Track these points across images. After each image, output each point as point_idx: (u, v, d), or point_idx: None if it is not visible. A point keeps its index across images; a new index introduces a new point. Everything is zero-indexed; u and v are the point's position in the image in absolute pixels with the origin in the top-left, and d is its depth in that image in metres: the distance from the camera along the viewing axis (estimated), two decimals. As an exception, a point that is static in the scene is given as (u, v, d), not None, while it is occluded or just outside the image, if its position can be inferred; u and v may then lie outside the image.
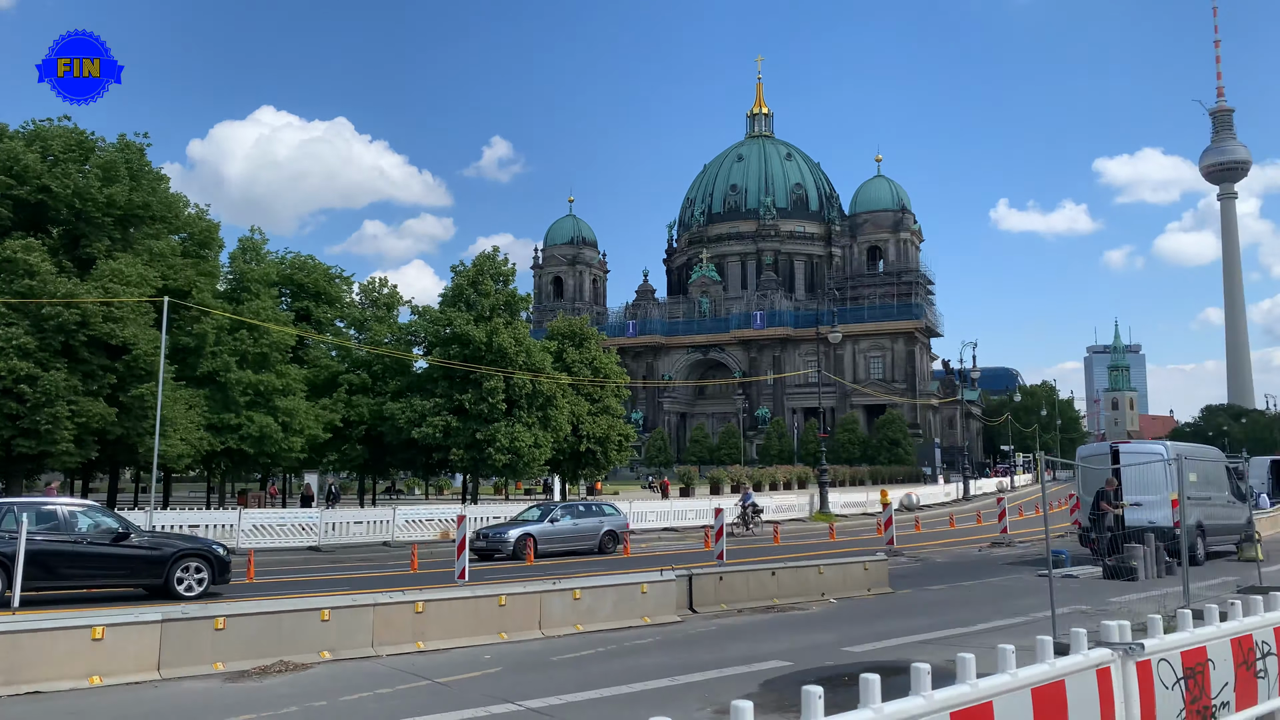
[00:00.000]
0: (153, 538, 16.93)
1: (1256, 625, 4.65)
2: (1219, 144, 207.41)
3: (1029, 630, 11.06)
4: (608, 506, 29.05)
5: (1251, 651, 4.56)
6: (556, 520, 26.05)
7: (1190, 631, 4.13)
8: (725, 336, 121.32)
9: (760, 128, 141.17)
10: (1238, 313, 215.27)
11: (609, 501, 32.32)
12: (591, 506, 28.63)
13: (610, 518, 27.55)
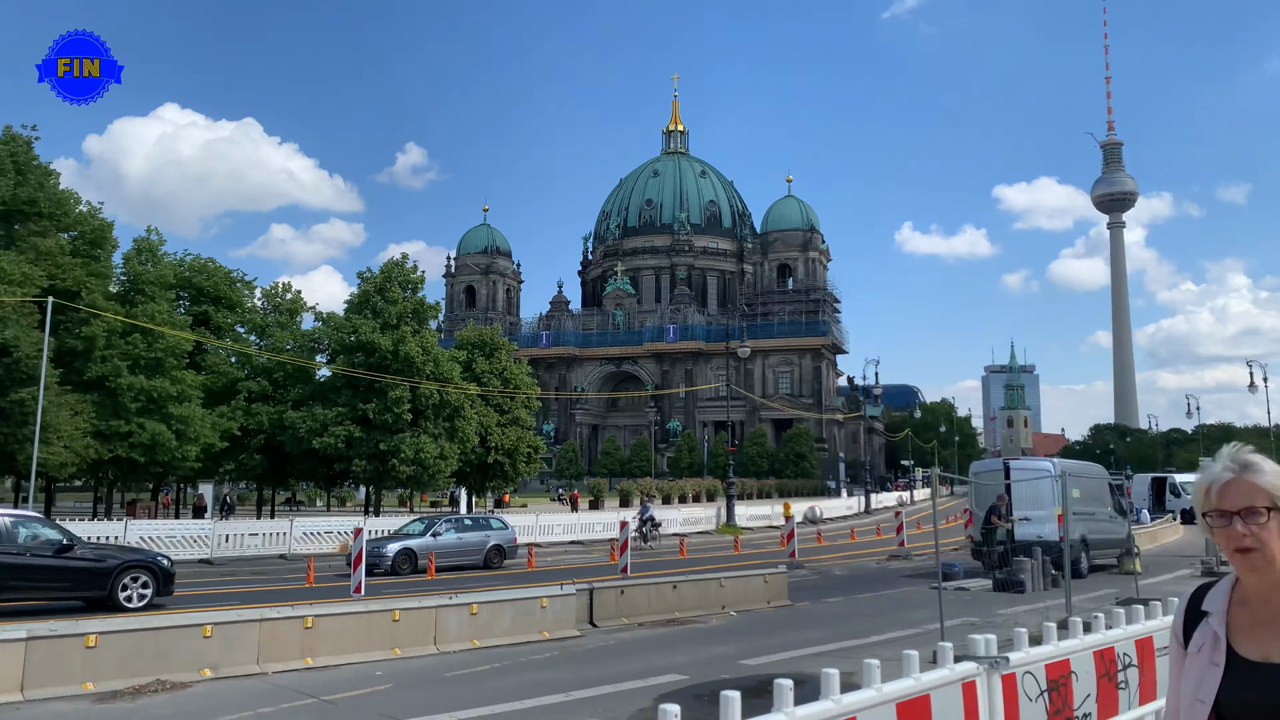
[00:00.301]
0: (96, 549, 16.83)
1: (1119, 638, 4.83)
2: (1109, 175, 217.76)
3: (920, 642, 11.31)
4: (495, 520, 28.47)
5: (1114, 663, 4.72)
6: (439, 535, 25.34)
7: (1054, 644, 4.26)
8: (639, 349, 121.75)
9: (676, 145, 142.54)
10: (1125, 336, 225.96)
11: (497, 515, 31.75)
12: (478, 520, 28.04)
13: (497, 532, 26.85)
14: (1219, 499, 2.18)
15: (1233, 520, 2.14)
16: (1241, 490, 2.15)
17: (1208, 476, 2.23)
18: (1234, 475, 2.18)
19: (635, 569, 21.90)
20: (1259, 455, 2.23)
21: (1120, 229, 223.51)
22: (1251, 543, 2.11)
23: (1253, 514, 2.12)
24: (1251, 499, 2.13)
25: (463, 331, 47.64)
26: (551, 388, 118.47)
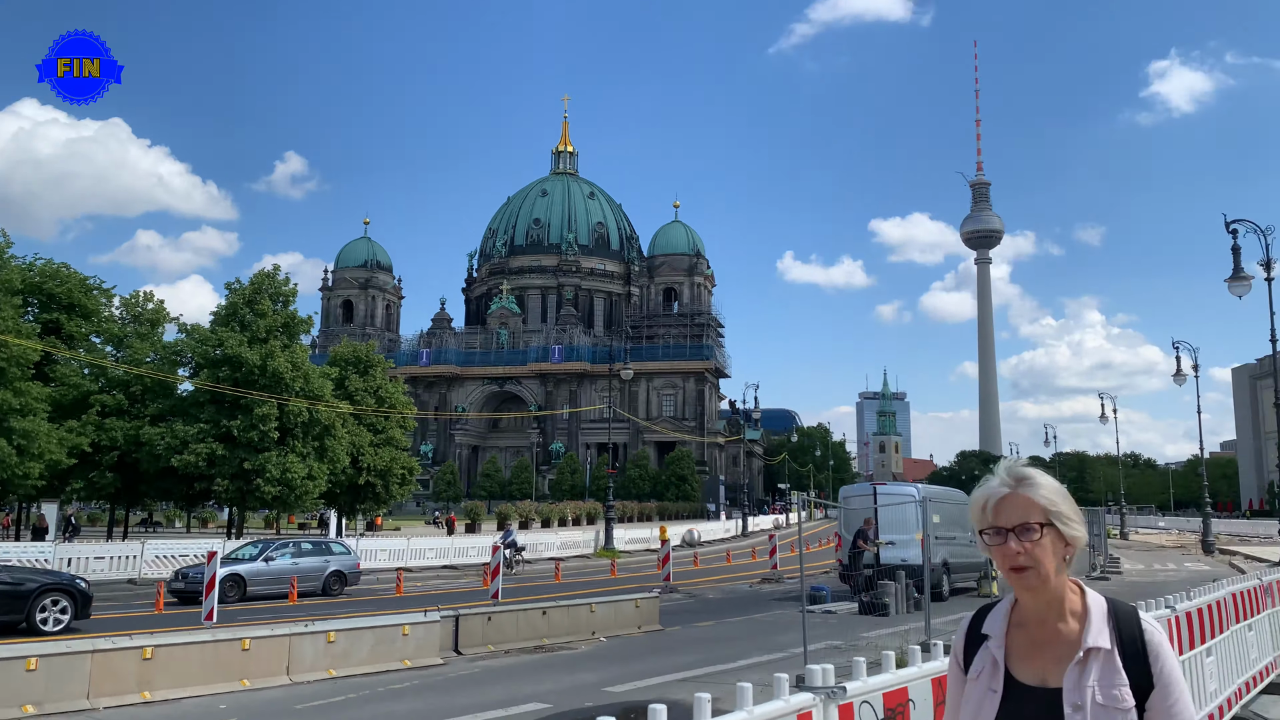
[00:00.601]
0: (11, 573, 16.42)
1: None
2: (977, 214, 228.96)
3: (785, 666, 11.38)
4: (336, 545, 27.09)
5: None
6: (272, 559, 23.87)
7: (892, 673, 4.27)
8: (522, 369, 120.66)
9: (565, 165, 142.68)
10: (989, 367, 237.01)
11: (339, 540, 30.28)
12: (318, 544, 26.64)
13: (339, 557, 25.52)
14: (994, 515, 2.09)
15: (1007, 537, 2.05)
16: (1016, 506, 2.06)
17: (984, 492, 2.14)
18: (1009, 490, 2.09)
19: (508, 594, 21.50)
20: (1035, 470, 2.14)
21: (987, 265, 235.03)
22: (1025, 561, 2.03)
23: (1027, 530, 2.04)
24: (1026, 515, 2.05)
25: (336, 347, 46.23)
26: (431, 407, 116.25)
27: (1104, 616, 2.09)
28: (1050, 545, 2.05)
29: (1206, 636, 7.84)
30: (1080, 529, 2.09)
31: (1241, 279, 26.63)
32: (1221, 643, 8.36)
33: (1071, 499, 2.12)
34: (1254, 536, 51.54)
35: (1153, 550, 45.98)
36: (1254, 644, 9.68)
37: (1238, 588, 9.34)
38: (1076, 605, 2.11)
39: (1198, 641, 7.58)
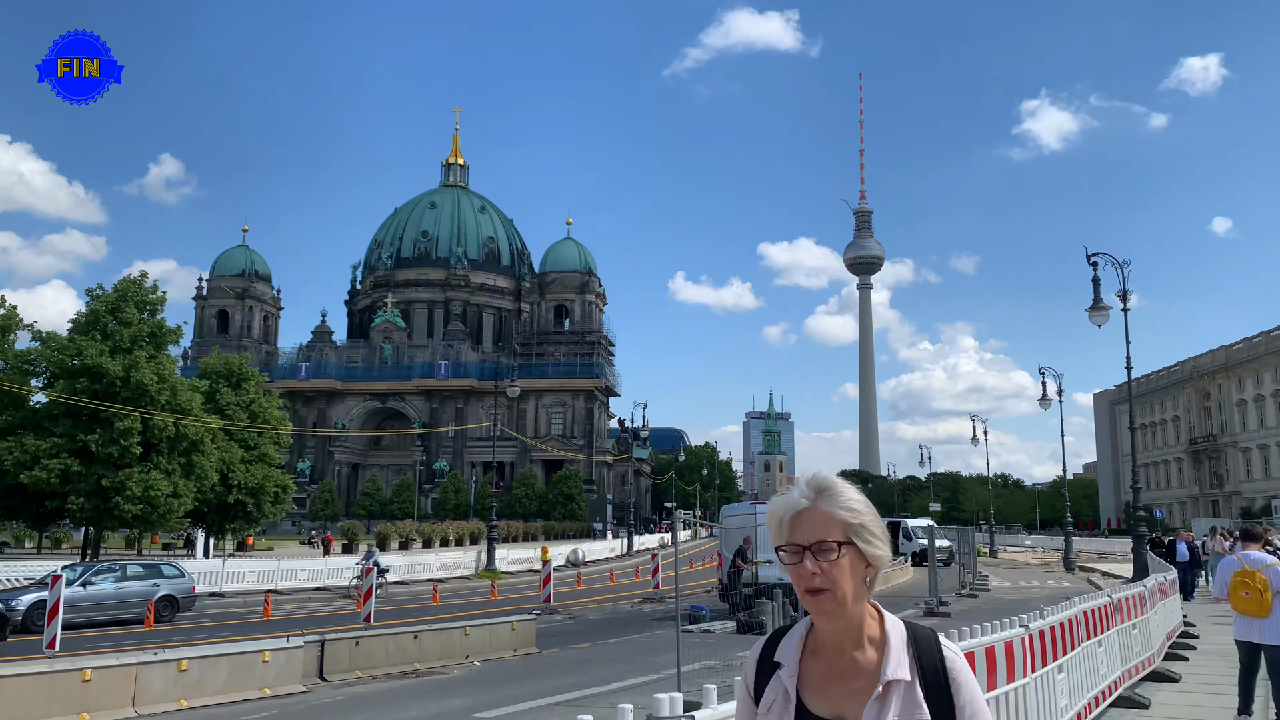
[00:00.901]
0: None
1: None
2: (860, 240, 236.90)
3: (660, 687, 11.27)
4: (168, 567, 25.36)
5: None
6: (91, 583, 21.89)
7: None
8: (407, 385, 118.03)
9: (456, 178, 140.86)
10: (870, 389, 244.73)
11: (171, 561, 28.48)
12: (149, 567, 24.84)
13: (170, 580, 23.77)
14: (791, 530, 1.91)
15: (804, 556, 1.86)
16: (815, 521, 1.89)
17: (782, 503, 1.96)
18: (809, 504, 1.91)
19: (383, 617, 20.82)
20: (838, 480, 1.97)
21: (868, 290, 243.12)
22: (822, 583, 1.85)
23: (824, 549, 1.85)
24: (825, 531, 1.87)
25: (207, 359, 44.21)
26: (310, 423, 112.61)
27: (904, 644, 1.92)
28: (850, 566, 1.87)
29: (1059, 653, 8.10)
30: (884, 548, 1.92)
31: (1100, 309, 28.15)
32: (1073, 659, 8.66)
33: (877, 514, 1.96)
34: (1111, 554, 54.34)
35: (1019, 568, 47.98)
36: (1103, 659, 10.09)
37: (1089, 605, 9.71)
38: (875, 632, 1.94)
39: (1049, 659, 7.82)
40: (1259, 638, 9.22)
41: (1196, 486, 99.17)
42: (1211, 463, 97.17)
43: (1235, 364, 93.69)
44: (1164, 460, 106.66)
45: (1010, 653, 6.89)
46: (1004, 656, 6.78)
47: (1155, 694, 11.66)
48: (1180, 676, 12.98)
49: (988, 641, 6.64)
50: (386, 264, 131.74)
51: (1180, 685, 12.49)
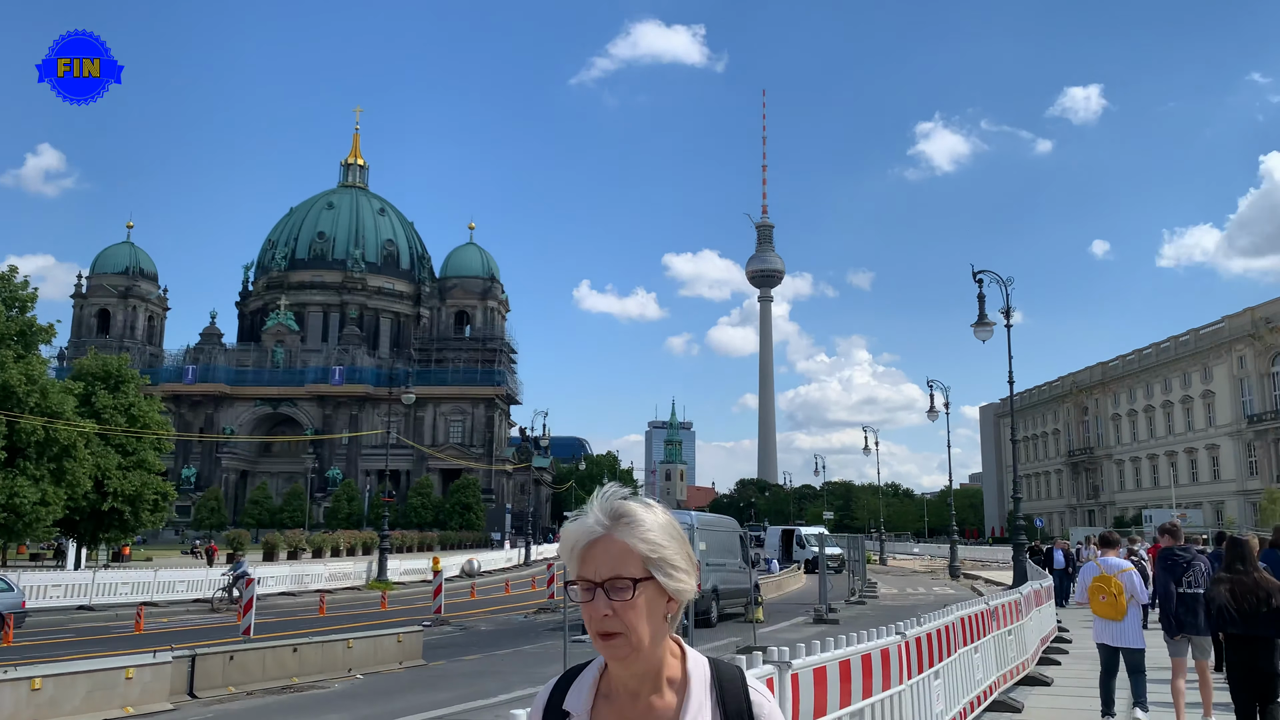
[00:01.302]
0: None
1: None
2: (761, 254, 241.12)
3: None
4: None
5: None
6: None
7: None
8: (299, 390, 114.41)
9: (355, 178, 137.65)
10: (769, 400, 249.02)
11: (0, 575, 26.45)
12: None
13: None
14: (582, 563, 1.66)
15: (596, 593, 1.62)
16: (610, 553, 1.64)
17: (575, 530, 1.69)
18: (604, 531, 1.66)
19: (265, 630, 20.03)
20: (638, 504, 1.71)
21: (769, 303, 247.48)
22: (615, 625, 1.61)
23: (619, 587, 1.61)
24: (620, 565, 1.62)
25: (82, 360, 42.02)
26: (196, 428, 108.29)
27: (706, 686, 1.72)
28: (647, 605, 1.63)
29: (935, 660, 8.26)
30: (688, 580, 1.69)
31: (985, 324, 29.18)
32: (950, 665, 8.85)
33: (683, 541, 1.71)
34: (994, 561, 56.37)
35: (907, 575, 49.32)
36: (979, 665, 10.35)
37: (966, 613, 9.95)
38: (676, 672, 1.72)
39: (926, 665, 7.96)
40: (1116, 641, 9.62)
41: (1074, 497, 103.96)
42: (1088, 474, 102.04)
43: (1110, 380, 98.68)
44: (1044, 471, 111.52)
45: (886, 660, 6.97)
46: (879, 663, 6.85)
47: (1028, 697, 12.05)
48: (1052, 681, 13.48)
49: (865, 649, 6.70)
50: (281, 265, 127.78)
51: (1052, 689, 12.97)
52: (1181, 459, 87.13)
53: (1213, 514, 76.94)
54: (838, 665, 6.40)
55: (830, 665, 6.23)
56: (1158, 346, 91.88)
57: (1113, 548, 10.46)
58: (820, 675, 6.05)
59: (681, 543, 1.70)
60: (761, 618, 23.39)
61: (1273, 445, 76.94)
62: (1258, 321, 77.93)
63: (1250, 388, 79.17)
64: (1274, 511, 62.10)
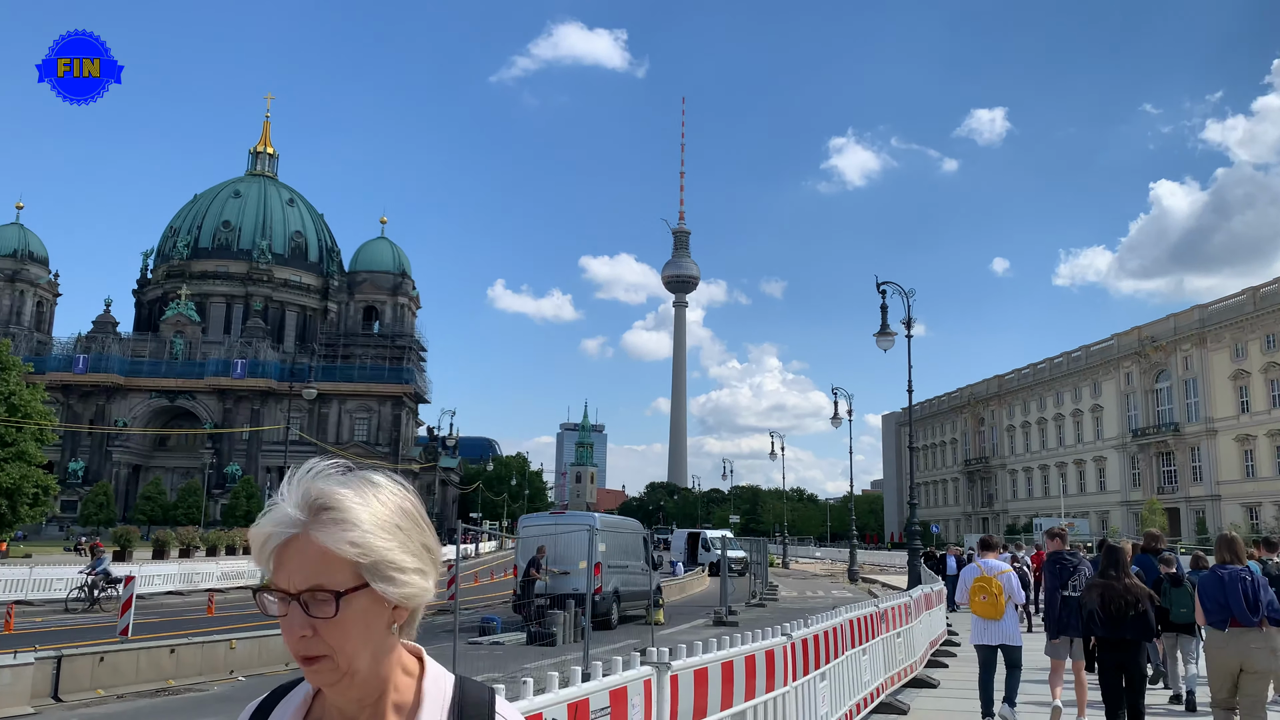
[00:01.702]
0: None
1: (594, 689, 4.75)
2: (677, 259, 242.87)
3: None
4: None
5: (587, 714, 4.62)
6: None
7: (529, 700, 4.17)
8: (199, 383, 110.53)
9: (264, 167, 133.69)
10: (681, 404, 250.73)
11: None
12: None
13: None
14: (277, 567, 1.27)
15: (291, 607, 1.25)
16: (308, 558, 1.25)
17: (268, 524, 1.29)
18: (298, 530, 1.26)
19: (146, 630, 19.13)
20: (351, 486, 1.30)
21: (683, 308, 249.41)
22: (318, 647, 1.25)
23: (319, 601, 1.24)
24: (319, 574, 1.24)
25: (-42, 345, 39.82)
26: (86, 420, 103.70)
27: (443, 711, 1.35)
28: (361, 620, 1.26)
29: (821, 662, 8.31)
30: (420, 581, 1.31)
31: (887, 334, 29.81)
32: (836, 667, 8.93)
33: (418, 527, 1.33)
34: (893, 566, 57.74)
35: (808, 578, 50.14)
36: (867, 667, 10.49)
37: (855, 615, 10.08)
38: (407, 695, 1.35)
39: (812, 667, 8.01)
40: (994, 639, 9.93)
41: (970, 504, 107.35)
42: (983, 482, 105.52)
43: (1006, 393, 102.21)
44: (942, 479, 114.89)
45: (771, 661, 6.97)
46: (764, 665, 6.85)
47: (915, 699, 12.29)
48: (939, 683, 13.79)
49: (749, 650, 6.69)
50: (183, 253, 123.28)
51: (938, 690, 13.26)
52: (1071, 470, 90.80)
53: (1098, 523, 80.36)
54: (720, 666, 6.37)
55: (712, 666, 6.19)
56: (1051, 362, 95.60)
57: (992, 550, 10.78)
58: (701, 676, 6.00)
59: (412, 533, 1.32)
60: (662, 620, 23.44)
61: (1155, 458, 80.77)
62: (1144, 340, 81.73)
63: (1136, 403, 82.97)
64: (1154, 521, 65.19)
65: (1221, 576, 7.79)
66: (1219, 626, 7.74)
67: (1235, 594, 7.61)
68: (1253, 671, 7.61)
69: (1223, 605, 7.68)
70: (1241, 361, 72.59)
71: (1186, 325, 77.67)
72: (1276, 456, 69.65)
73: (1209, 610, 7.87)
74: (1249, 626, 7.55)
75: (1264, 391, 70.68)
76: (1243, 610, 7.55)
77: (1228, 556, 7.97)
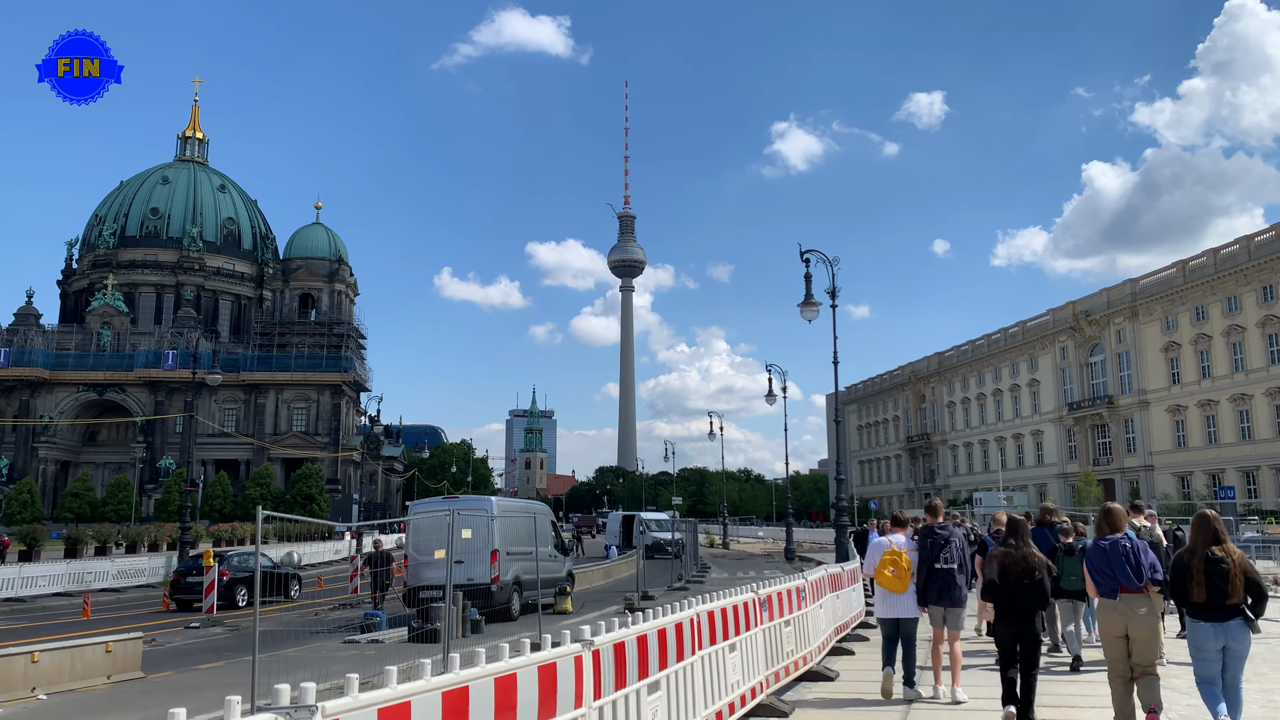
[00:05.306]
0: None
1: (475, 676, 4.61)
2: (623, 244, 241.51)
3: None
4: None
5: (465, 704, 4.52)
6: None
7: (392, 688, 3.99)
8: (129, 375, 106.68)
9: (194, 152, 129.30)
10: (629, 388, 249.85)
11: None
12: None
13: None
14: None
15: None
16: None
17: None
18: None
19: (8, 636, 17.40)
20: None
21: (630, 293, 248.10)
22: None
23: None
24: None
25: None
26: (10, 415, 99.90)
27: None
28: None
29: (653, 669, 7.08)
30: None
31: (811, 304, 28.76)
32: (681, 671, 7.70)
33: None
34: (832, 544, 57.24)
35: (744, 559, 49.34)
36: (737, 665, 9.27)
37: (718, 606, 8.85)
38: None
39: (640, 675, 6.77)
40: (897, 612, 10.43)
41: (912, 480, 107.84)
42: (925, 459, 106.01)
43: (946, 370, 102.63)
44: (885, 457, 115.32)
45: (552, 680, 5.61)
46: (532, 691, 5.53)
47: (807, 695, 11.13)
48: (837, 675, 12.52)
49: (522, 665, 5.34)
50: (109, 242, 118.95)
51: (835, 684, 12.03)
52: (1009, 444, 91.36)
53: (1037, 496, 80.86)
54: (492, 683, 5.07)
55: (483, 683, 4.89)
56: (989, 338, 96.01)
57: (902, 527, 11.07)
58: (459, 699, 4.69)
59: None
60: (569, 608, 22.24)
61: (1090, 431, 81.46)
62: (1078, 315, 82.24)
63: (1071, 377, 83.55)
64: (1089, 493, 65.55)
65: (1104, 547, 8.03)
66: (1110, 595, 7.93)
67: (1119, 562, 7.86)
68: (1137, 636, 7.80)
69: (1110, 575, 7.92)
70: (1172, 334, 73.25)
71: (1119, 300, 78.22)
72: (1206, 426, 70.44)
73: (1098, 582, 8.06)
74: (1136, 591, 7.81)
75: (1194, 363, 71.39)
76: (1128, 576, 7.81)
77: (1107, 528, 8.18)
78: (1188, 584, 7.39)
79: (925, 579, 10.09)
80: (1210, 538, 7.46)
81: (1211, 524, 7.54)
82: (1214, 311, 69.33)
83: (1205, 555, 7.38)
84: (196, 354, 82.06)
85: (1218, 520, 7.67)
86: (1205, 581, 7.29)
